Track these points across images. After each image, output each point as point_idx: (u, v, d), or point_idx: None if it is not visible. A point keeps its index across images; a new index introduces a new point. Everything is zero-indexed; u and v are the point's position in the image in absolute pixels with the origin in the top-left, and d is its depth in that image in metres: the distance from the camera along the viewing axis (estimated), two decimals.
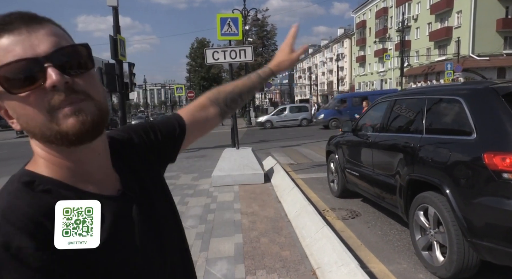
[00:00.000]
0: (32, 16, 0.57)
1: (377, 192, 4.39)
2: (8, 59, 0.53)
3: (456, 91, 3.27)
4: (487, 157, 2.57)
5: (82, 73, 0.58)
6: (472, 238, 2.67)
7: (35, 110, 0.54)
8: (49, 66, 0.54)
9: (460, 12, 35.75)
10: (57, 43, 0.56)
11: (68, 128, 0.55)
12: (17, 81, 0.53)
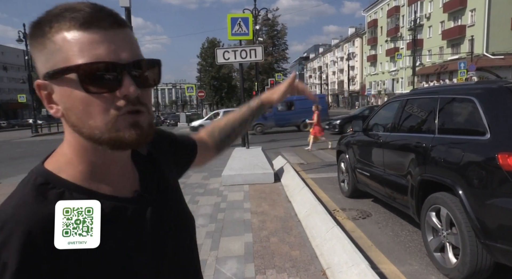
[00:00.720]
0: (118, 17, 0.57)
1: (388, 192, 4.35)
2: (91, 54, 0.53)
3: (469, 91, 3.22)
4: (501, 158, 2.53)
5: (146, 88, 0.59)
6: (485, 240, 2.63)
7: (100, 110, 0.55)
8: (126, 75, 0.55)
9: (474, 10, 35.16)
10: (136, 53, 0.57)
11: (126, 138, 0.56)
12: (98, 81, 0.54)
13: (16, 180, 8.68)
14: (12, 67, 60.49)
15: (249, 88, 36.82)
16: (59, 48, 0.53)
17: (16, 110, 62.23)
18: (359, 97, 63.77)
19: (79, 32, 0.53)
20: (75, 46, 0.53)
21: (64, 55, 0.53)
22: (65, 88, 0.55)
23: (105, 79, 0.54)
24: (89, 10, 0.54)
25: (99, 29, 0.54)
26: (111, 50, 0.54)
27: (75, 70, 0.53)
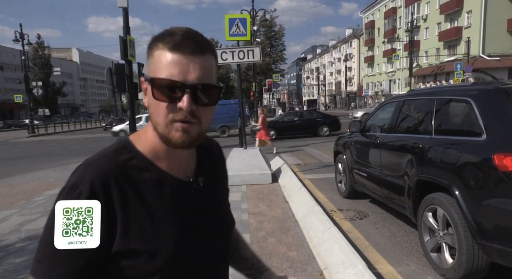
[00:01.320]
0: (200, 44, 0.72)
1: (385, 193, 4.37)
2: (166, 73, 0.70)
3: (465, 92, 3.24)
4: (497, 158, 2.55)
5: (206, 106, 0.74)
6: (482, 240, 2.65)
7: (163, 113, 0.72)
8: (187, 93, 0.70)
9: (470, 12, 35.34)
10: (202, 77, 0.71)
11: (172, 138, 0.73)
12: (164, 92, 0.71)
13: (12, 180, 8.65)
14: (8, 68, 60.14)
15: (246, 89, 36.84)
16: (154, 61, 0.72)
17: (12, 110, 61.92)
18: (357, 98, 63.93)
19: (168, 53, 0.70)
20: (161, 63, 0.71)
21: (153, 67, 0.72)
22: (149, 90, 0.73)
23: (170, 92, 0.70)
24: (180, 37, 0.70)
25: (181, 54, 0.70)
26: (183, 71, 0.70)
27: (150, 80, 0.72)
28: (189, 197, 0.80)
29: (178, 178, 0.79)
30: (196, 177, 0.83)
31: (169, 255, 0.73)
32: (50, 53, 60.53)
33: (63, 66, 73.35)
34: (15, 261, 3.63)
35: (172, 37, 0.70)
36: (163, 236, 0.73)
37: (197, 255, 0.79)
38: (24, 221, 5.07)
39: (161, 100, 0.71)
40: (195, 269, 0.79)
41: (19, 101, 32.24)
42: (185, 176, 0.81)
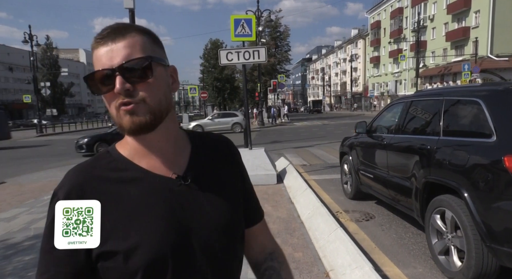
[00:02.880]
0: (119, 29, 0.73)
1: (392, 195, 4.33)
2: (97, 66, 0.72)
3: (474, 93, 3.20)
4: (508, 160, 2.51)
5: (141, 82, 0.72)
6: (491, 243, 2.61)
7: (111, 106, 0.73)
8: (117, 75, 0.70)
9: (478, 11, 35.01)
10: (128, 56, 0.71)
11: (124, 124, 0.72)
12: (101, 85, 0.72)
13: (20, 179, 8.73)
14: (17, 68, 60.85)
15: (251, 89, 36.82)
16: (94, 60, 0.74)
17: (21, 110, 62.57)
18: (362, 98, 63.65)
19: (96, 49, 0.72)
20: (95, 58, 0.73)
21: (94, 64, 0.74)
22: (93, 91, 0.74)
23: (103, 82, 0.71)
24: (104, 31, 0.73)
25: (104, 45, 0.71)
26: (108, 58, 0.71)
27: (85, 79, 0.73)
28: (173, 194, 0.76)
29: (161, 174, 0.77)
30: (186, 174, 0.79)
31: (149, 253, 0.70)
32: (58, 54, 61.08)
33: (70, 67, 73.99)
34: (24, 259, 3.65)
35: (98, 35, 0.74)
36: (139, 234, 0.71)
37: (184, 254, 0.74)
38: (33, 219, 5.11)
39: (101, 93, 0.73)
40: (183, 269, 0.74)
41: (27, 102, 32.57)
42: (170, 172, 0.78)
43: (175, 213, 0.75)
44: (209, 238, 0.77)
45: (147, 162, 0.77)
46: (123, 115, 0.72)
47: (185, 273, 0.74)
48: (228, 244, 0.81)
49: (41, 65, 47.95)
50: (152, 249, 0.71)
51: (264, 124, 28.13)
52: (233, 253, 0.84)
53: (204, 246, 0.76)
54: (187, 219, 0.75)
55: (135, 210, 0.72)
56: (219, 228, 0.79)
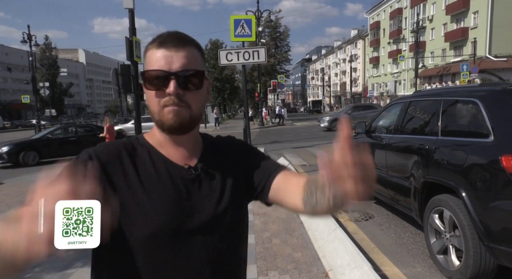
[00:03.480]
0: (181, 39, 0.84)
1: (391, 194, 4.34)
2: (155, 66, 0.81)
3: (473, 93, 3.22)
4: (505, 160, 2.52)
5: (192, 90, 0.84)
6: (489, 242, 2.62)
7: (155, 100, 0.83)
8: (172, 79, 0.81)
9: (477, 12, 35.07)
10: (185, 65, 0.82)
11: (165, 121, 0.83)
12: (153, 82, 0.83)
13: (21, 180, 8.73)
14: (16, 68, 60.73)
15: (251, 89, 36.83)
16: (146, 60, 0.85)
17: (19, 111, 62.51)
18: (361, 99, 63.70)
19: (156, 50, 0.82)
20: (151, 59, 0.83)
21: (146, 65, 0.85)
22: (143, 84, 0.85)
23: (158, 82, 0.82)
24: (165, 36, 0.84)
25: (166, 49, 0.82)
26: (168, 62, 0.81)
27: (141, 74, 0.85)
28: (184, 181, 0.86)
29: (177, 163, 0.88)
30: (196, 166, 0.89)
31: (152, 225, 0.79)
32: (57, 54, 61.00)
33: (69, 67, 73.94)
34: None
35: (159, 38, 0.84)
36: (150, 206, 0.80)
37: (182, 235, 0.82)
38: None
39: (152, 89, 0.83)
40: (179, 248, 0.81)
41: (26, 102, 32.48)
42: (184, 163, 0.88)
43: (182, 198, 0.84)
44: (208, 223, 0.85)
45: (167, 151, 0.88)
46: (167, 113, 0.82)
47: (181, 252, 0.82)
48: (228, 230, 0.88)
49: (40, 65, 47.85)
50: (155, 222, 0.80)
51: (263, 124, 28.13)
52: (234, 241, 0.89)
53: (202, 230, 0.84)
54: (191, 205, 0.84)
55: (152, 186, 0.83)
56: (218, 215, 0.86)
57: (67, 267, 3.44)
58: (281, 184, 0.94)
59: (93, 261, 0.86)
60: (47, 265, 3.49)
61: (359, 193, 0.64)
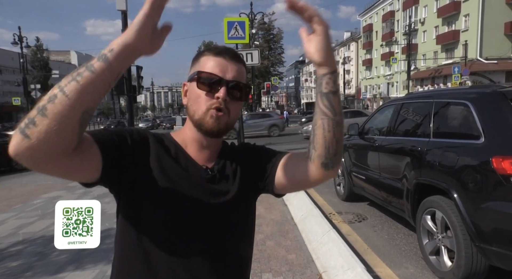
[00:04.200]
0: (237, 54, 0.93)
1: (383, 196, 4.37)
2: (210, 70, 0.88)
3: (464, 95, 3.25)
4: (496, 161, 2.55)
5: (236, 101, 0.91)
6: (480, 243, 2.65)
7: (202, 101, 0.89)
8: (224, 86, 0.88)
9: (468, 15, 35.51)
10: (236, 77, 0.90)
11: (206, 123, 0.89)
12: (206, 83, 0.88)
13: (10, 183, 8.62)
14: (6, 70, 60.02)
15: None
16: (200, 64, 0.91)
17: (10, 113, 61.71)
18: (355, 101, 64.05)
19: (213, 57, 0.90)
20: (206, 64, 0.90)
21: (198, 67, 0.91)
22: (192, 84, 0.91)
23: (211, 84, 0.88)
24: (223, 48, 0.94)
25: (223, 58, 0.90)
26: (222, 70, 0.89)
27: (197, 73, 0.89)
28: (202, 179, 0.92)
29: (198, 163, 0.94)
30: (213, 167, 0.95)
31: (168, 207, 0.86)
32: (49, 55, 60.43)
33: (61, 69, 73.06)
34: (11, 265, 3.60)
35: (216, 48, 0.93)
36: (172, 192, 0.87)
37: (193, 224, 0.88)
38: (21, 224, 5.04)
39: (203, 90, 0.88)
40: (188, 234, 0.87)
41: (17, 104, 32.14)
42: (204, 164, 0.95)
43: (199, 193, 0.90)
44: (216, 215, 0.91)
45: (191, 151, 0.95)
46: (210, 116, 0.88)
47: (189, 237, 0.88)
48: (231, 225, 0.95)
49: (31, 67, 47.40)
50: (172, 207, 0.86)
51: None
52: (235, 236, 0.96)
53: (209, 221, 0.90)
54: (204, 198, 0.91)
55: (175, 177, 0.89)
56: (225, 209, 0.93)
57: (59, 271, 3.40)
58: (285, 163, 0.98)
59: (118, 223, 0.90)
60: (39, 269, 3.44)
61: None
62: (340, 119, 0.84)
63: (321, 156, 0.86)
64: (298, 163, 0.94)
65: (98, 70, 0.65)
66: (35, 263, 3.60)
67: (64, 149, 0.65)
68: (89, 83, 0.64)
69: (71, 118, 0.63)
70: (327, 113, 0.82)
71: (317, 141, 0.85)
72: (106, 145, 0.79)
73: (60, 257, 3.70)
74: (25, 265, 3.56)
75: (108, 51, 0.66)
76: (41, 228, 4.76)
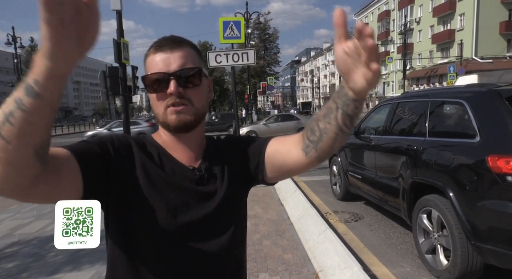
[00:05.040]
0: (177, 41, 0.87)
1: (380, 195, 4.38)
2: (154, 69, 0.85)
3: (459, 94, 3.27)
4: (491, 160, 2.56)
5: (192, 87, 0.86)
6: (476, 242, 2.66)
7: (158, 103, 0.86)
8: (172, 79, 0.83)
9: (463, 14, 35.72)
10: (182, 64, 0.85)
11: (170, 121, 0.85)
12: (154, 85, 0.85)
13: None
14: (0, 71, 59.61)
15: (241, 91, 36.82)
16: (146, 66, 0.88)
17: None
18: None
19: (153, 54, 0.86)
20: (150, 64, 0.87)
21: (146, 70, 0.88)
22: (149, 94, 0.88)
23: (159, 84, 0.84)
24: (161, 40, 0.87)
25: (162, 52, 0.85)
26: (166, 64, 0.84)
27: (142, 79, 0.87)
28: (190, 181, 0.88)
29: (183, 163, 0.90)
30: (200, 166, 0.91)
31: (158, 221, 0.82)
32: None
33: None
34: (7, 266, 3.57)
35: (155, 43, 0.88)
36: (154, 200, 0.83)
37: (191, 234, 0.85)
38: (17, 225, 5.01)
39: (154, 92, 0.85)
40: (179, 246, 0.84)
41: None
42: (190, 164, 0.90)
43: (188, 199, 0.87)
44: (208, 223, 0.88)
45: (174, 152, 0.91)
46: (170, 114, 0.85)
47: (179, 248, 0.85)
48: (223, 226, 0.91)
49: (25, 67, 47.09)
50: (158, 218, 0.82)
51: None
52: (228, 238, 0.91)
53: (201, 225, 0.87)
54: (195, 202, 0.87)
55: (159, 183, 0.85)
56: (216, 211, 0.89)
57: (56, 272, 3.38)
58: (274, 150, 0.94)
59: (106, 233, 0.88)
60: (35, 270, 3.42)
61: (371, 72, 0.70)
62: (350, 132, 0.86)
63: (320, 157, 0.88)
64: (288, 151, 0.91)
65: (30, 108, 0.54)
66: (31, 264, 3.57)
67: (30, 178, 0.61)
68: (26, 124, 0.55)
69: (23, 159, 0.58)
70: (345, 130, 0.82)
71: (323, 147, 0.85)
72: (84, 157, 0.75)
73: (56, 257, 3.68)
74: (21, 266, 3.53)
75: (33, 82, 0.54)
76: (37, 229, 4.73)
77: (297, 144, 0.89)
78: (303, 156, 0.88)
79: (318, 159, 0.88)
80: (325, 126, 0.83)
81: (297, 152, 0.89)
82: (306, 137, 0.87)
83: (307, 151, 0.87)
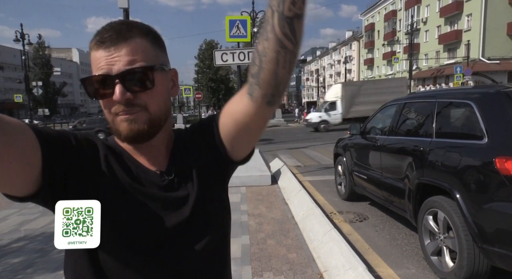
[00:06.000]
0: (122, 33, 0.69)
1: (385, 196, 4.36)
2: (96, 70, 0.70)
3: (467, 95, 3.24)
4: (499, 162, 2.54)
5: (144, 91, 0.71)
6: (482, 244, 2.64)
7: (107, 111, 0.73)
8: (117, 83, 0.68)
9: (470, 15, 35.40)
10: (129, 63, 0.69)
11: (121, 131, 0.72)
12: (95, 91, 0.71)
13: None
14: (8, 67, 60.15)
15: None
16: (91, 64, 0.72)
17: (12, 110, 61.81)
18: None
19: (94, 51, 0.70)
20: (93, 63, 0.71)
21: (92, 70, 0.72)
22: (88, 95, 0.74)
23: (102, 88, 0.70)
24: (102, 32, 0.69)
25: (104, 48, 0.69)
26: (108, 63, 0.68)
27: (82, 82, 0.71)
28: (159, 188, 0.77)
29: (149, 168, 0.78)
30: (168, 169, 0.79)
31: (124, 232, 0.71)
32: (51, 53, 60.57)
33: (63, 66, 73.42)
34: (13, 261, 3.61)
35: (96, 35, 0.70)
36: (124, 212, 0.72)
37: (162, 245, 0.74)
38: (23, 221, 5.05)
39: (98, 98, 0.72)
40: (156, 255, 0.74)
41: (19, 101, 32.21)
42: (157, 168, 0.79)
43: (157, 207, 0.75)
44: (185, 224, 0.77)
45: (138, 156, 0.79)
46: (120, 122, 0.71)
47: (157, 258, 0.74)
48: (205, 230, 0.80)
49: (33, 64, 47.49)
50: (128, 228, 0.71)
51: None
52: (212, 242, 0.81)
53: (178, 233, 0.76)
54: (167, 210, 0.76)
55: (130, 190, 0.73)
56: (194, 215, 0.78)
57: (60, 268, 3.40)
58: (224, 114, 0.81)
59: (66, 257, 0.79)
60: (39, 266, 3.45)
61: None
62: (298, 51, 0.67)
63: (267, 94, 0.71)
64: (236, 105, 0.77)
65: None
66: (36, 260, 3.60)
67: None
68: None
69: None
70: (287, 45, 0.64)
71: (265, 78, 0.68)
72: (45, 135, 0.64)
73: (61, 254, 3.71)
74: (27, 262, 3.56)
75: None
76: (43, 225, 4.77)
77: (243, 91, 0.74)
78: (248, 101, 0.72)
79: (264, 97, 0.71)
80: (263, 47, 0.66)
81: (242, 99, 0.74)
82: (250, 74, 0.71)
83: (251, 92, 0.71)
